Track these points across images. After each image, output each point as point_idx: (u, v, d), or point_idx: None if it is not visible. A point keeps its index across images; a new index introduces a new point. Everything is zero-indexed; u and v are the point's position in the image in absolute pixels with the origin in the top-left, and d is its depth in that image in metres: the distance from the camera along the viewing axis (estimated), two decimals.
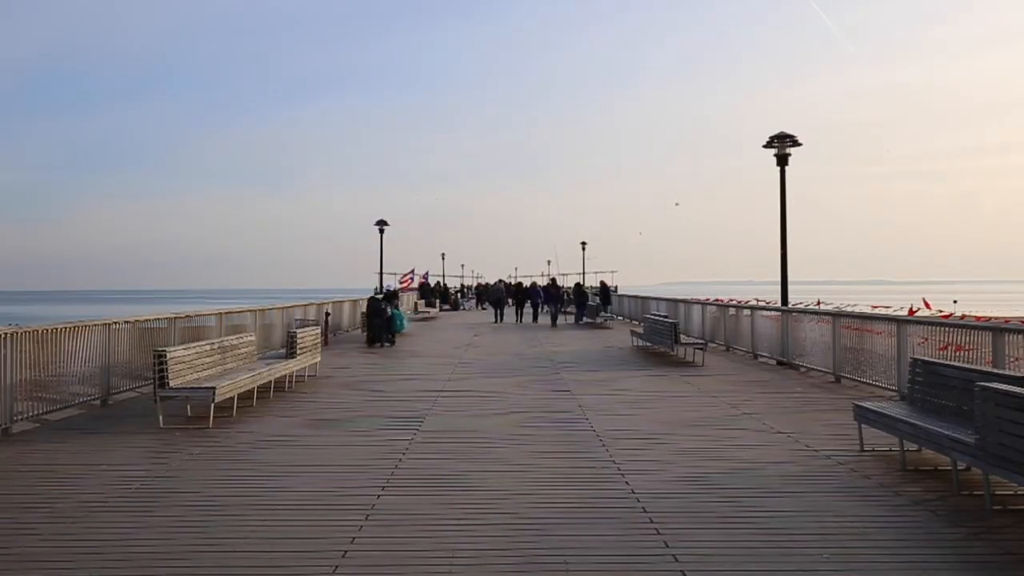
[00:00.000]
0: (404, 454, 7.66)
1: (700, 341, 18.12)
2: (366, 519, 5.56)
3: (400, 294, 22.23)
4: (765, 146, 17.44)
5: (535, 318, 34.01)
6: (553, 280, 35.52)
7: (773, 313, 17.12)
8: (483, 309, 47.24)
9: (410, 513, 5.72)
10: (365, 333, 21.64)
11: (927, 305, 31.52)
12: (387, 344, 20.63)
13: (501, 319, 33.48)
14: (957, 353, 10.24)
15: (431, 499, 6.10)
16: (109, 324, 11.21)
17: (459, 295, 53.51)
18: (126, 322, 11.99)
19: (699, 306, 22.76)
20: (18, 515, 5.72)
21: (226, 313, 15.94)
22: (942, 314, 22.13)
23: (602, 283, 37.53)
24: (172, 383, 9.32)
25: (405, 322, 22.18)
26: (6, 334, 8.84)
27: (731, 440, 8.31)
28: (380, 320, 20.81)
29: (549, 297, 33.59)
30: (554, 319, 31.61)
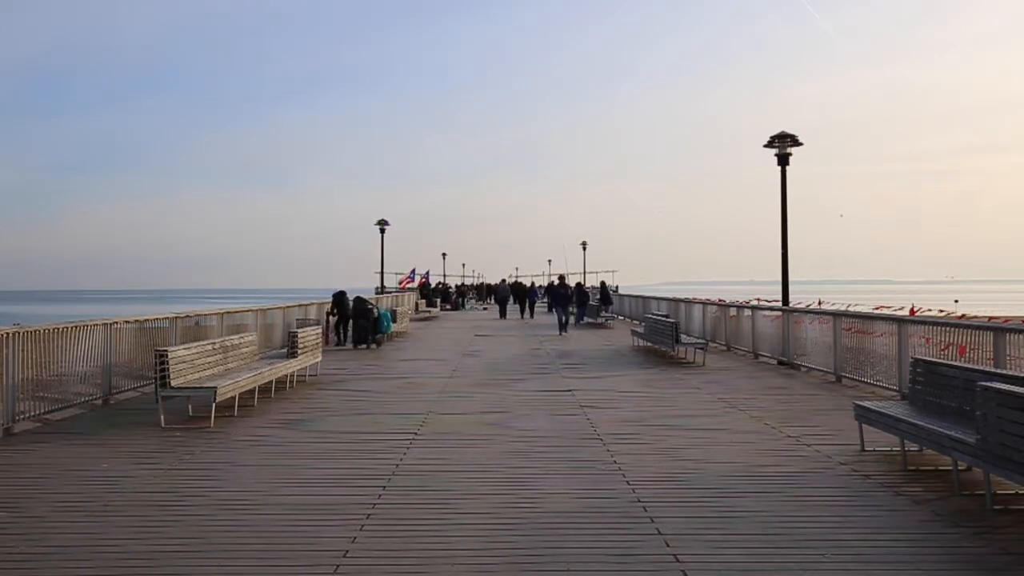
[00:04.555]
0: (404, 454, 7.66)
1: (701, 341, 18.12)
2: (367, 518, 5.57)
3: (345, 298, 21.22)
4: (766, 146, 17.45)
5: (532, 315, 36.47)
6: (561, 278, 30.24)
7: (774, 313, 17.13)
8: (484, 309, 48.70)
9: (410, 513, 5.73)
10: (335, 335, 20.82)
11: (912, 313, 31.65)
12: (372, 346, 19.92)
13: (505, 316, 36.13)
14: (960, 356, 10.22)
15: (432, 499, 6.11)
16: (110, 324, 11.22)
17: (457, 295, 53.48)
18: (127, 322, 12.00)
19: (700, 306, 22.76)
20: (19, 515, 5.73)
21: (227, 313, 15.94)
22: (943, 314, 22.11)
23: (602, 283, 37.60)
24: (173, 383, 9.33)
25: (391, 324, 21.59)
26: (8, 334, 8.86)
27: (732, 440, 8.31)
28: (366, 321, 20.08)
29: (555, 298, 27.81)
30: (562, 325, 25.65)
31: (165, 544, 5.06)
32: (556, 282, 30.01)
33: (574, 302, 30.64)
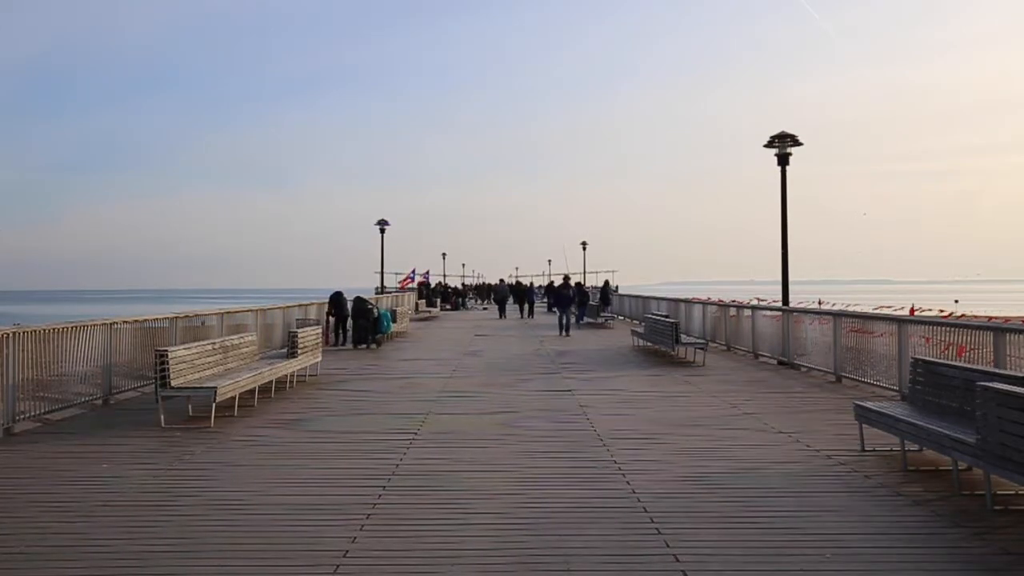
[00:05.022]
0: (405, 454, 7.66)
1: (701, 341, 18.11)
2: (367, 518, 5.57)
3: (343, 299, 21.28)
4: (766, 146, 17.45)
5: (531, 315, 36.95)
6: (565, 278, 28.30)
7: (774, 313, 17.13)
8: (484, 309, 49.42)
9: (411, 513, 5.73)
10: (333, 334, 20.71)
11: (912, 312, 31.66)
12: (372, 346, 19.88)
13: (505, 316, 36.86)
14: (959, 356, 10.21)
15: (432, 498, 6.11)
16: (111, 324, 11.22)
17: (456, 295, 53.39)
18: (127, 322, 12.00)
19: (700, 306, 22.77)
20: (20, 514, 5.73)
21: (227, 313, 15.94)
22: (943, 314, 22.12)
23: (605, 283, 37.66)
24: (174, 383, 9.33)
25: (391, 324, 21.58)
26: (8, 334, 8.86)
27: (732, 440, 8.31)
28: (366, 321, 20.06)
29: (557, 299, 26.48)
30: (563, 326, 24.68)
31: (165, 544, 5.06)
32: (559, 282, 28.68)
33: (575, 302, 29.35)
